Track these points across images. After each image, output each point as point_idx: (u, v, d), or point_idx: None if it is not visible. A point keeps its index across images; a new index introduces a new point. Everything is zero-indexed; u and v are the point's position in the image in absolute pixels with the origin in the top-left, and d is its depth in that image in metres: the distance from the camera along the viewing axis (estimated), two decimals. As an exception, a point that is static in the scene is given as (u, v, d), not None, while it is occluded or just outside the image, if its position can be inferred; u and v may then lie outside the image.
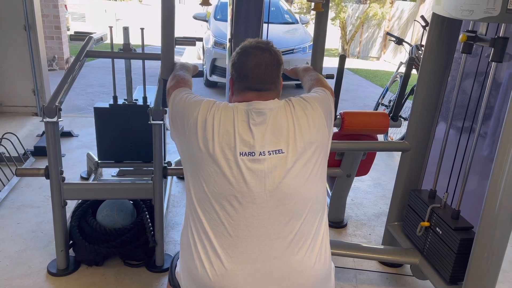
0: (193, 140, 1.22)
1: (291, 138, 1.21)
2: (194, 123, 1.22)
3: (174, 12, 1.70)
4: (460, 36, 1.74)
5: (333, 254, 2.06)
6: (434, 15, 1.94)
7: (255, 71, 1.29)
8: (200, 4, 1.59)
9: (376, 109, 4.73)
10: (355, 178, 2.75)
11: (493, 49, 1.62)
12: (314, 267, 1.20)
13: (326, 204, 1.31)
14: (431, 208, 1.95)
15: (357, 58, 13.61)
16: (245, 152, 1.19)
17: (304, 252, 1.20)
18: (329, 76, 2.06)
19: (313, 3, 1.74)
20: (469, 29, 1.78)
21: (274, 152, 1.20)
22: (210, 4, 1.61)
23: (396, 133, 4.48)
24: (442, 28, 1.97)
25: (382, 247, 2.33)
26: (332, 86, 2.15)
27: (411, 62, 2.31)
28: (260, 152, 1.19)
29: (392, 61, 11.95)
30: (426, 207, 1.98)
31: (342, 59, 2.19)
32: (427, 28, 2.28)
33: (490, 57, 1.64)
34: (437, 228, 1.90)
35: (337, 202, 2.77)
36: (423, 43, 2.17)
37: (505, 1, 1.46)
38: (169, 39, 1.73)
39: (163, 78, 1.73)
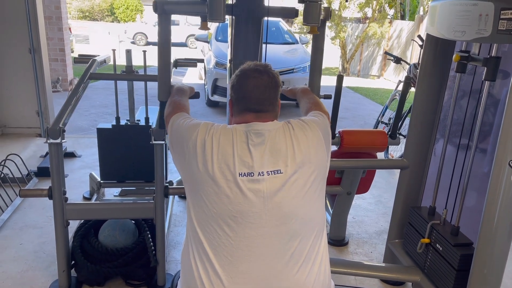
0: (193, 162, 1.24)
1: (290, 158, 1.23)
2: (193, 145, 1.25)
3: (170, 34, 1.75)
4: (454, 56, 1.78)
5: (334, 272, 2.07)
6: (428, 35, 1.99)
7: (254, 93, 1.32)
8: (199, 28, 1.65)
9: (376, 127, 4.76)
10: (356, 196, 2.76)
11: (486, 68, 1.66)
12: (313, 285, 1.22)
13: (324, 222, 1.33)
14: (430, 224, 1.96)
15: (358, 76, 13.72)
16: (244, 173, 1.21)
17: (303, 271, 1.21)
18: (327, 96, 2.08)
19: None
20: (462, 49, 1.82)
21: (272, 172, 1.22)
22: (208, 29, 1.67)
23: (396, 151, 4.50)
24: (437, 48, 2.01)
25: (383, 265, 2.33)
26: (331, 105, 2.19)
27: (408, 81, 2.36)
28: (259, 173, 1.21)
29: (393, 79, 12.05)
30: (426, 223, 1.99)
31: (340, 78, 2.23)
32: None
33: (483, 76, 1.67)
34: (437, 245, 1.91)
35: (338, 220, 2.78)
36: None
37: (496, 22, 1.50)
38: (166, 62, 1.77)
39: (160, 100, 1.77)
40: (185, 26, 18.55)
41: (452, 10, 1.70)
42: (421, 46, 4.48)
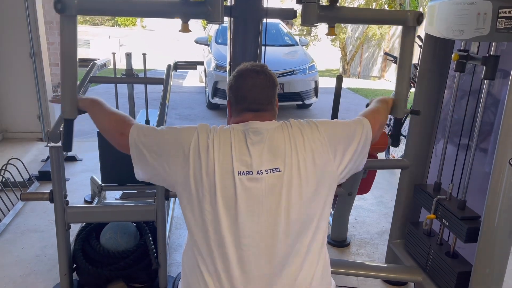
0: (194, 165, 1.22)
1: (288, 156, 1.23)
2: (195, 149, 1.23)
3: (76, 38, 1.45)
4: (453, 55, 1.78)
5: (336, 273, 2.07)
6: (427, 35, 2.00)
7: (252, 93, 1.33)
8: (180, 31, 1.50)
9: (377, 128, 4.75)
10: (357, 196, 2.76)
11: (485, 67, 1.66)
12: (312, 284, 1.22)
13: (324, 221, 1.32)
14: (436, 199, 1.93)
15: (358, 77, 13.74)
16: (243, 171, 1.21)
17: (303, 270, 1.21)
18: (414, 112, 1.76)
19: (326, 28, 1.69)
20: (461, 48, 1.83)
21: (271, 170, 1.22)
22: (190, 31, 1.50)
23: (397, 151, 4.49)
24: (436, 48, 2.02)
25: (385, 265, 2.33)
26: (330, 106, 2.19)
27: (407, 81, 2.35)
28: (258, 171, 1.21)
29: (394, 80, 12.04)
30: (431, 199, 1.96)
31: (339, 79, 2.24)
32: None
33: (483, 75, 1.67)
34: (443, 220, 1.88)
35: (339, 221, 2.77)
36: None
37: (494, 21, 1.50)
38: (71, 71, 1.49)
39: (68, 117, 1.51)
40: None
41: (451, 9, 1.70)
42: (420, 46, 4.49)
